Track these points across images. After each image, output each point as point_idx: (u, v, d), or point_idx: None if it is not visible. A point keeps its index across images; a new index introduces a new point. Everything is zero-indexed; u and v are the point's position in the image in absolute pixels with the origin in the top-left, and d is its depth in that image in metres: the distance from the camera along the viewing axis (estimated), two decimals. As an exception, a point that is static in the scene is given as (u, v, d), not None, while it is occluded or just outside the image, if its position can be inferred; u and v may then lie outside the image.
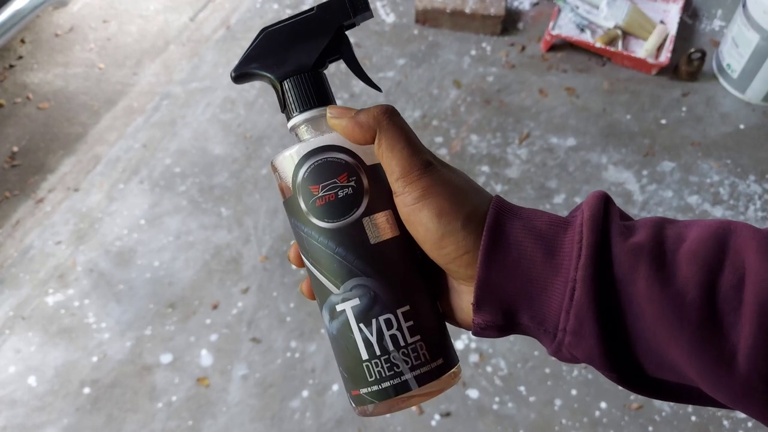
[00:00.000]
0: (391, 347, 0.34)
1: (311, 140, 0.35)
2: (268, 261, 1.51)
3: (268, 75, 0.36)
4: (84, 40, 1.98)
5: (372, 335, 0.34)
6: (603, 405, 1.31)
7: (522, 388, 1.33)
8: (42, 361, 1.36)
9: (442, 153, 1.70)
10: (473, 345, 1.38)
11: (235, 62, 0.37)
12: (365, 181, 0.35)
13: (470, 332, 0.35)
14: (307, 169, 0.34)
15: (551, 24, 1.93)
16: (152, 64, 1.93)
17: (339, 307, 0.34)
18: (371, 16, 0.37)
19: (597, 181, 1.66)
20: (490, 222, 0.32)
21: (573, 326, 0.30)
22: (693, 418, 1.29)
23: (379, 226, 0.34)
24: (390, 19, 2.04)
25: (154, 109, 1.80)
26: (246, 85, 1.84)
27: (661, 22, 1.95)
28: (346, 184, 0.34)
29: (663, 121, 1.79)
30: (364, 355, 0.34)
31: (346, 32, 0.37)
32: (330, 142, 0.35)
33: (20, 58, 1.93)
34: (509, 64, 1.92)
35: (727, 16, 2.04)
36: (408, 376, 0.34)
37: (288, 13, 2.09)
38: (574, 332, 0.30)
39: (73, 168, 1.68)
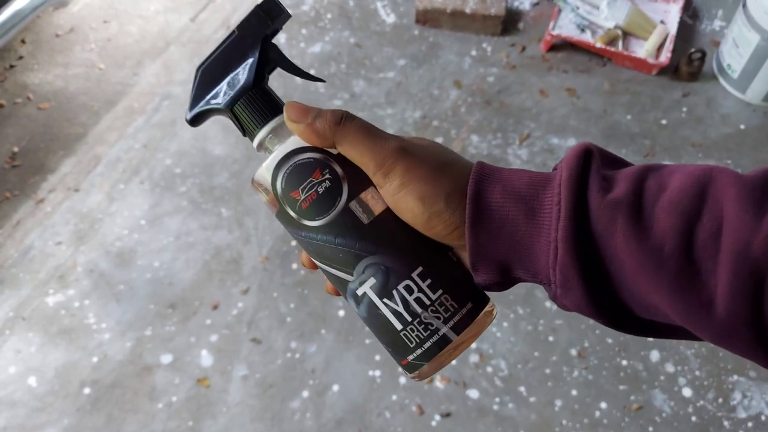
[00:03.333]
0: (419, 310, 0.35)
1: (276, 152, 0.36)
2: (268, 261, 1.50)
3: (218, 107, 0.37)
4: (84, 41, 1.98)
5: (398, 305, 0.35)
6: (603, 406, 1.31)
7: (522, 389, 1.33)
8: (42, 362, 1.36)
9: (443, 153, 1.70)
10: (473, 345, 1.37)
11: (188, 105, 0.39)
12: (338, 170, 0.35)
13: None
14: (282, 179, 0.36)
15: (552, 24, 1.93)
16: (153, 64, 1.93)
17: (359, 291, 0.36)
18: (289, 16, 0.38)
19: (597, 181, 1.66)
20: (471, 193, 0.33)
21: (560, 281, 0.32)
22: (693, 418, 1.29)
23: (367, 205, 0.35)
24: (390, 19, 2.04)
25: (155, 110, 1.80)
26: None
27: (662, 22, 1.95)
28: (323, 179, 0.35)
29: (663, 122, 1.79)
30: (398, 326, 0.35)
31: (273, 40, 0.38)
32: (293, 146, 0.36)
33: (20, 58, 1.93)
34: (510, 65, 1.92)
35: (728, 17, 2.03)
36: (444, 329, 0.35)
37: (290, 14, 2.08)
38: (562, 286, 0.32)
39: (73, 168, 1.68)
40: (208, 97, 0.38)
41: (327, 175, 0.35)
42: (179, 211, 1.59)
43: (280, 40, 1.98)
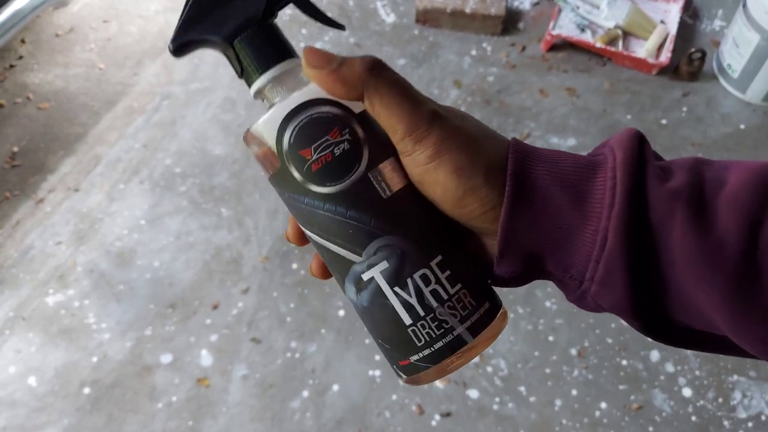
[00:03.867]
0: (434, 304, 0.30)
1: (289, 99, 0.30)
2: (268, 261, 1.50)
3: (214, 39, 0.31)
4: (84, 41, 1.98)
5: (411, 296, 0.30)
6: (603, 405, 1.31)
7: (522, 389, 1.33)
8: (42, 362, 1.36)
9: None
10: (473, 345, 1.37)
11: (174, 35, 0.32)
12: (359, 131, 0.30)
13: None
14: (292, 132, 0.30)
15: (552, 24, 1.93)
16: (153, 64, 1.93)
17: (366, 276, 0.31)
18: None
19: (597, 181, 1.66)
20: (512, 170, 0.29)
21: (601, 276, 0.28)
22: (693, 418, 1.29)
23: (388, 177, 0.30)
24: (390, 19, 2.04)
25: (155, 110, 1.80)
26: (246, 85, 1.84)
27: (662, 22, 1.95)
28: (341, 139, 0.30)
29: (663, 122, 1.79)
30: (407, 320, 0.31)
31: None
32: (311, 96, 0.30)
33: (20, 58, 1.93)
34: (510, 65, 1.92)
35: (728, 16, 2.03)
36: (460, 329, 0.31)
37: (288, 13, 2.09)
38: (602, 282, 0.28)
39: (73, 168, 1.68)
40: (202, 25, 0.31)
41: (346, 136, 0.30)
42: (179, 211, 1.59)
43: (280, 39, 1.98)
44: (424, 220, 0.31)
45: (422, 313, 0.30)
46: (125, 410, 1.31)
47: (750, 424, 1.29)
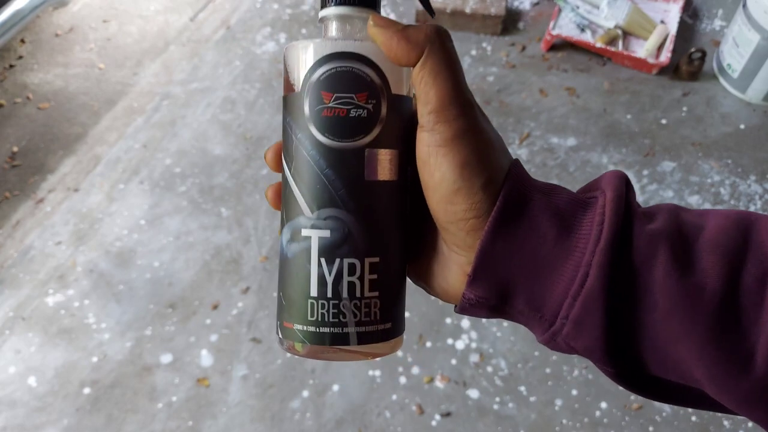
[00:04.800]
0: (344, 294, 0.31)
1: (341, 41, 0.30)
2: (268, 261, 1.50)
3: None
4: (84, 41, 1.98)
5: (329, 275, 0.31)
6: (603, 405, 1.31)
7: (522, 389, 1.33)
8: (42, 362, 1.36)
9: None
10: (473, 345, 1.37)
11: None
12: (383, 109, 0.30)
13: (454, 307, 0.32)
14: (327, 71, 0.30)
15: (552, 24, 1.92)
16: (152, 64, 1.93)
17: (305, 232, 0.31)
18: None
19: (597, 181, 1.66)
20: (508, 188, 0.29)
21: (577, 315, 0.28)
22: (693, 418, 1.29)
23: (380, 163, 0.31)
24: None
25: (154, 110, 1.80)
26: (246, 85, 1.84)
27: (662, 21, 1.95)
28: (363, 105, 0.30)
29: (663, 121, 1.79)
30: (313, 292, 0.31)
31: None
32: (362, 52, 0.30)
33: (20, 58, 1.93)
34: (509, 64, 1.92)
35: (728, 16, 2.03)
36: (351, 329, 0.31)
37: (288, 13, 2.09)
38: (576, 321, 0.28)
39: (73, 168, 1.68)
40: None
41: (369, 106, 0.30)
42: (179, 211, 1.59)
43: (281, 39, 1.98)
44: (385, 220, 0.31)
45: (329, 295, 0.31)
46: (125, 410, 1.31)
47: (750, 424, 1.29)
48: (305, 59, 0.31)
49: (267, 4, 2.09)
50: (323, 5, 0.32)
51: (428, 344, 1.38)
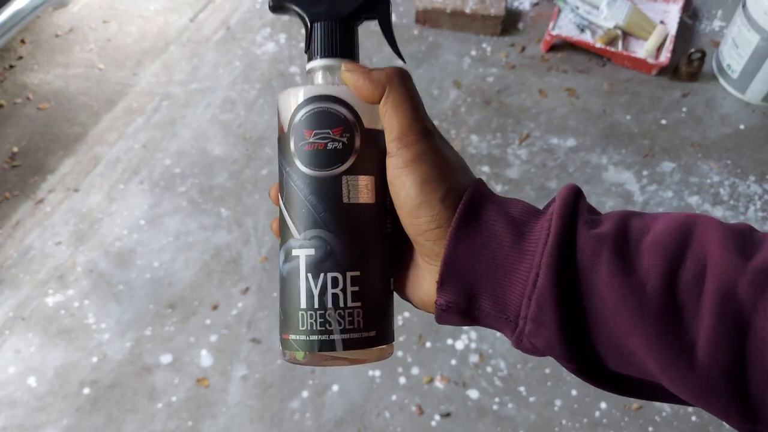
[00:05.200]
0: (329, 304, 0.35)
1: (319, 86, 0.35)
2: (267, 261, 1.51)
3: (302, 13, 0.37)
4: (84, 41, 1.98)
5: (315, 287, 0.35)
6: (603, 405, 1.31)
7: (522, 389, 1.33)
8: (42, 362, 1.36)
9: (442, 153, 1.70)
10: (473, 345, 1.38)
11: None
12: (357, 141, 0.35)
13: (435, 318, 0.36)
14: (306, 112, 0.35)
15: (551, 24, 1.93)
16: (152, 64, 1.94)
17: (295, 252, 0.35)
18: None
19: (597, 181, 1.66)
20: (467, 199, 0.32)
21: (534, 313, 0.30)
22: (693, 418, 1.29)
23: (357, 188, 0.35)
24: (390, 19, 2.04)
25: (154, 110, 1.80)
26: (246, 86, 1.84)
27: (661, 22, 1.95)
28: (338, 138, 0.35)
29: (663, 122, 1.79)
30: (302, 304, 0.35)
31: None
32: (336, 94, 0.35)
33: (20, 58, 1.93)
34: (509, 65, 1.92)
35: (727, 17, 2.04)
36: (336, 336, 0.35)
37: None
38: (534, 319, 0.30)
39: (73, 168, 1.68)
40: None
41: (344, 139, 0.35)
42: (179, 211, 1.59)
43: (280, 40, 1.98)
44: (363, 238, 0.35)
45: (315, 306, 0.35)
46: (125, 410, 1.31)
47: (749, 425, 1.29)
48: (290, 104, 0.36)
49: (267, 4, 2.09)
50: (309, 58, 0.37)
51: (428, 344, 1.38)
